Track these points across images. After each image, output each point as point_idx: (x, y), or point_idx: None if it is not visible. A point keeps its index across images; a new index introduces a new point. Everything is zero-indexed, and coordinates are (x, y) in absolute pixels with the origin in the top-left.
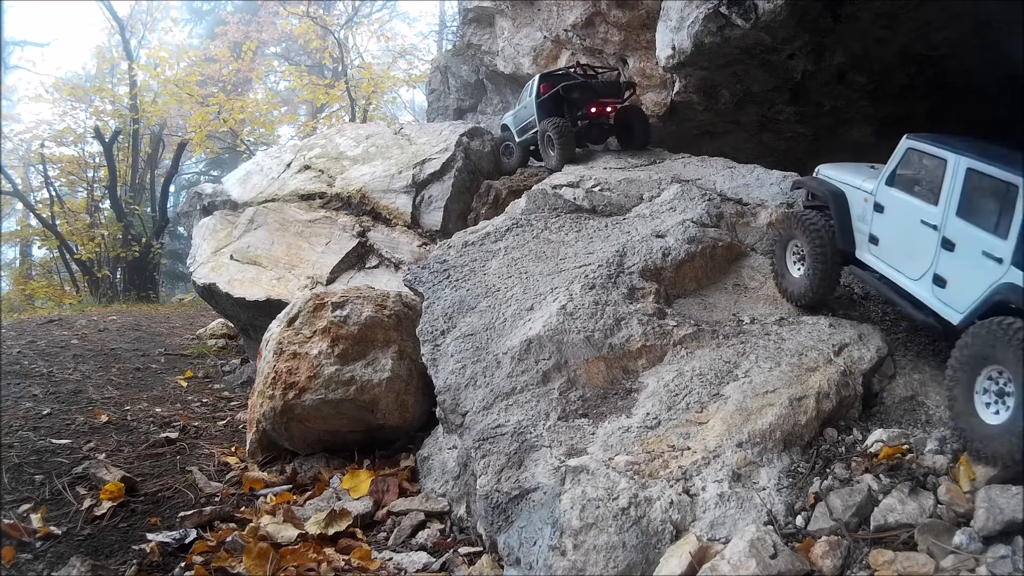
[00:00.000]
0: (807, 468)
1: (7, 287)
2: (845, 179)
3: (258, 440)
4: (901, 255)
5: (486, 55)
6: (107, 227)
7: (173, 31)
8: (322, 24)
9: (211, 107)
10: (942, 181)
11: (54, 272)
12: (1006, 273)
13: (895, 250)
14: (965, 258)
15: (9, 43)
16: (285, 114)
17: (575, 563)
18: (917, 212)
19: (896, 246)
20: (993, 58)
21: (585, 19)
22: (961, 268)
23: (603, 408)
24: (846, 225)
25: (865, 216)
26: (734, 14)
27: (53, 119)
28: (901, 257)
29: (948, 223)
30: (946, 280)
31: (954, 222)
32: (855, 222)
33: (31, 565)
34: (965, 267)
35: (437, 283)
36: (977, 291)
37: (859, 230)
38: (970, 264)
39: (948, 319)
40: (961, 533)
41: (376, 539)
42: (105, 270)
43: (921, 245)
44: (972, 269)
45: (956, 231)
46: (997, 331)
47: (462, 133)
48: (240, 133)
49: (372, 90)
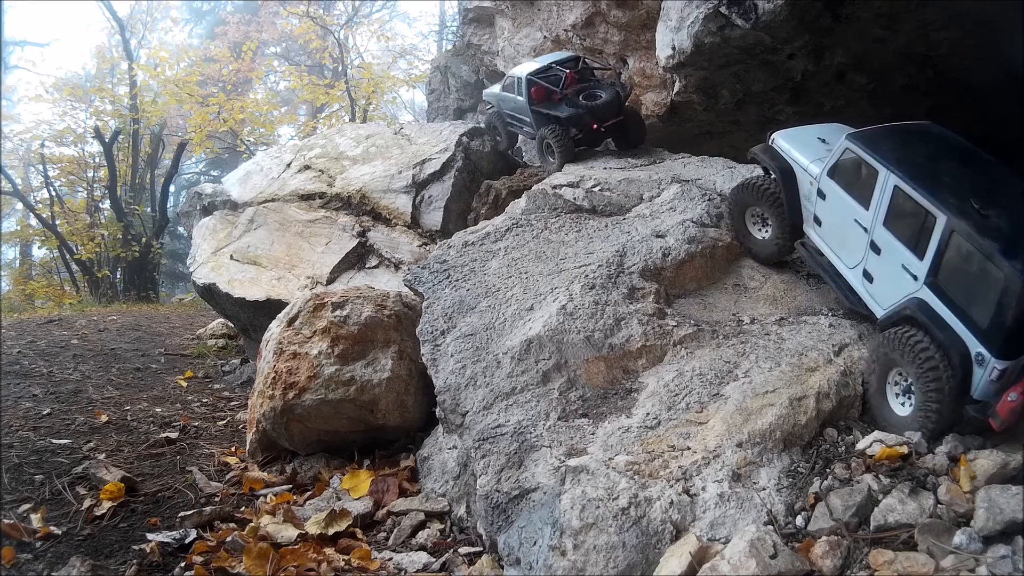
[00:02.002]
0: (807, 468)
1: (7, 287)
2: (795, 156)
3: (258, 440)
4: (839, 243)
5: (486, 55)
6: (107, 227)
7: (173, 31)
8: (322, 24)
9: (211, 107)
10: (873, 188)
11: (54, 272)
12: (919, 290)
13: (835, 236)
14: (888, 265)
15: (9, 43)
16: (285, 114)
17: (575, 563)
18: (852, 210)
19: (836, 233)
20: (993, 58)
21: (585, 19)
22: (885, 272)
23: (603, 408)
24: (794, 201)
25: (810, 197)
26: (734, 14)
27: (53, 119)
28: (839, 244)
29: (876, 230)
30: (874, 277)
31: (881, 230)
32: (803, 200)
33: (31, 565)
34: (888, 272)
35: (437, 283)
36: (895, 296)
37: (806, 208)
38: (892, 271)
39: (874, 312)
40: (961, 533)
41: (376, 539)
42: (105, 270)
43: (855, 240)
44: (893, 276)
45: (882, 239)
46: (898, 340)
47: (462, 133)
48: (240, 133)
49: (372, 90)
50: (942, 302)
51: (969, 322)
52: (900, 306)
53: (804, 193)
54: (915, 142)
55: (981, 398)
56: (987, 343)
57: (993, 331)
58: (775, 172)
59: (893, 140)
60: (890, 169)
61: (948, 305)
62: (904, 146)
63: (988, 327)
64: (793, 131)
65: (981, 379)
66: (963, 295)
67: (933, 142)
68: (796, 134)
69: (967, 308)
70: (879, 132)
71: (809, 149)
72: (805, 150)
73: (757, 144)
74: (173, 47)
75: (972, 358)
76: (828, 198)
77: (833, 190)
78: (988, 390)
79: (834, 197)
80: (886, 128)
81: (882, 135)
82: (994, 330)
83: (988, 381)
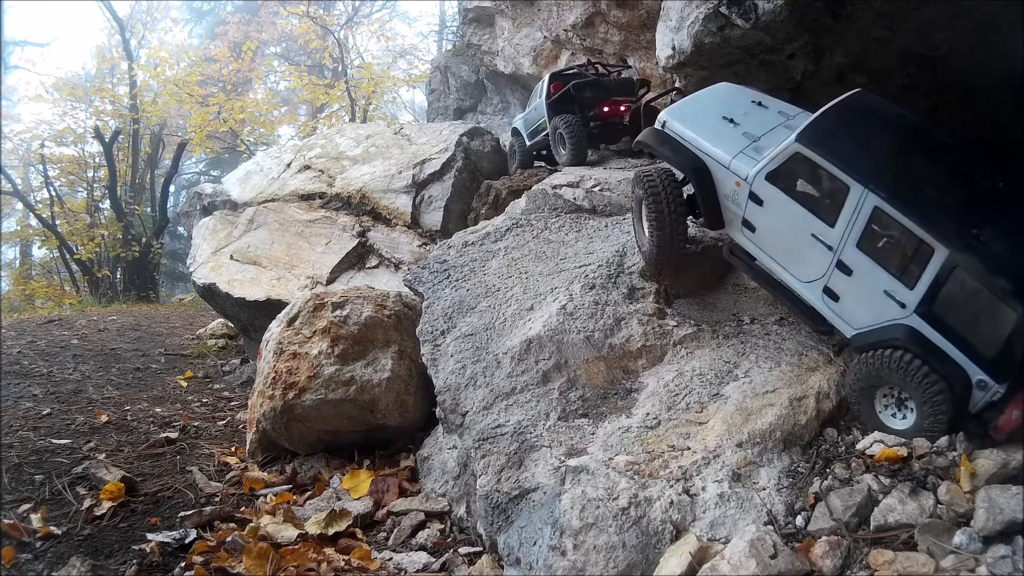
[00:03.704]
0: (807, 468)
1: (7, 287)
2: (706, 148)
3: (258, 440)
4: (786, 255)
5: (486, 55)
6: (107, 227)
7: (173, 31)
8: (322, 24)
9: (211, 107)
10: (842, 206)
11: (54, 272)
12: (907, 317)
13: (778, 247)
14: (863, 287)
15: (9, 43)
16: (285, 114)
17: (575, 563)
18: (807, 224)
19: (779, 244)
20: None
21: (585, 19)
22: (859, 293)
23: (603, 408)
24: (711, 201)
25: (737, 199)
26: (734, 14)
27: (53, 119)
28: (785, 256)
29: (846, 250)
30: (840, 296)
31: (853, 251)
32: (723, 200)
33: (31, 565)
34: (863, 295)
35: (437, 283)
36: (873, 319)
37: (729, 210)
38: (869, 294)
39: (840, 329)
40: (961, 533)
41: (376, 539)
42: (105, 270)
43: (811, 255)
44: (870, 299)
45: (855, 261)
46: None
47: (462, 133)
48: (240, 133)
49: (372, 90)
50: (937, 331)
51: (971, 352)
52: (882, 330)
53: (726, 194)
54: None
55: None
56: (992, 372)
57: (1002, 361)
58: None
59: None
60: (867, 187)
61: (945, 334)
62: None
63: (995, 358)
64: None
65: (981, 400)
66: (964, 326)
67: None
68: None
69: (969, 338)
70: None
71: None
72: (716, 139)
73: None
74: (173, 47)
75: (973, 384)
76: (768, 205)
77: (776, 197)
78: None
79: (777, 205)
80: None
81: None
82: (1003, 361)
83: (988, 402)
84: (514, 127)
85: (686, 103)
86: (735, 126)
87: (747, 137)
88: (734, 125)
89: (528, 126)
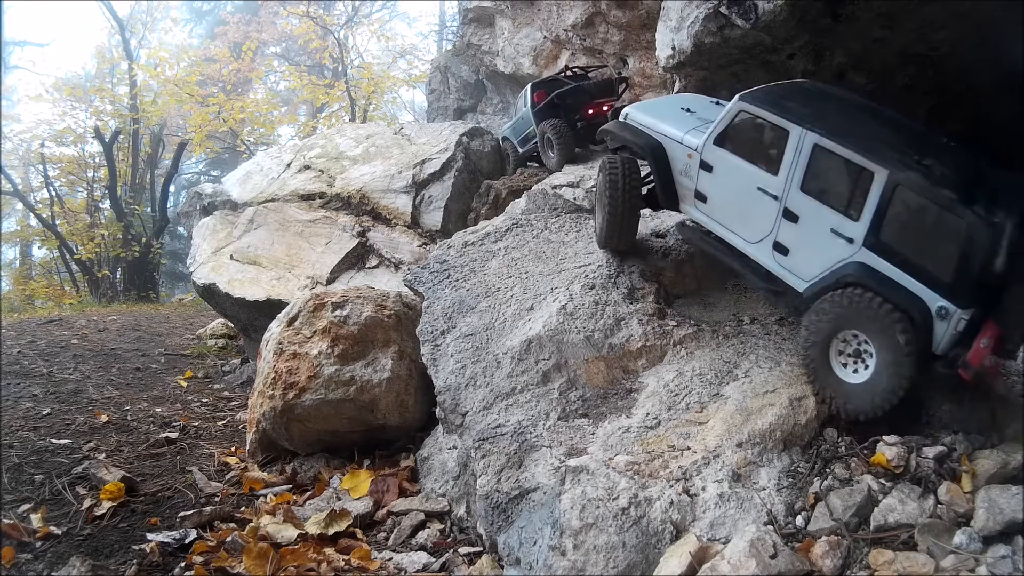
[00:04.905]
0: (807, 468)
1: (7, 287)
2: (663, 130)
3: (258, 440)
4: (735, 217)
5: (486, 55)
6: (107, 227)
7: (173, 31)
8: (322, 24)
9: (211, 107)
10: (783, 152)
11: (54, 272)
12: (857, 252)
13: (727, 211)
14: (810, 232)
15: (9, 43)
16: (285, 114)
17: (575, 563)
18: (753, 178)
19: (729, 207)
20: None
21: (585, 19)
22: (806, 240)
23: (603, 408)
24: (666, 180)
25: (689, 172)
26: (734, 14)
27: (53, 119)
28: (735, 219)
29: (791, 195)
30: (789, 249)
31: (797, 195)
32: (677, 176)
33: (31, 565)
34: (811, 240)
35: (437, 283)
36: (824, 264)
37: (682, 185)
38: (816, 238)
39: (792, 285)
40: (961, 533)
41: (376, 539)
42: (105, 270)
43: (759, 211)
44: (819, 243)
45: (799, 204)
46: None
47: (462, 133)
48: (240, 133)
49: (372, 90)
50: (889, 261)
51: (926, 277)
52: (833, 273)
53: (680, 169)
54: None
55: (944, 353)
56: (951, 296)
57: (958, 282)
58: (640, 149)
59: (793, 97)
60: (805, 127)
61: (897, 263)
62: (808, 103)
63: (952, 279)
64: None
65: (945, 333)
66: (915, 251)
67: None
68: (653, 107)
69: (922, 263)
70: (773, 90)
71: (677, 121)
72: (672, 122)
73: None
74: (173, 47)
75: (933, 314)
76: (717, 169)
77: (724, 159)
78: (951, 343)
79: (725, 167)
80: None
81: (778, 93)
82: (959, 281)
83: (953, 334)
84: (503, 135)
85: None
86: (692, 114)
87: (701, 120)
88: (691, 114)
89: (517, 134)
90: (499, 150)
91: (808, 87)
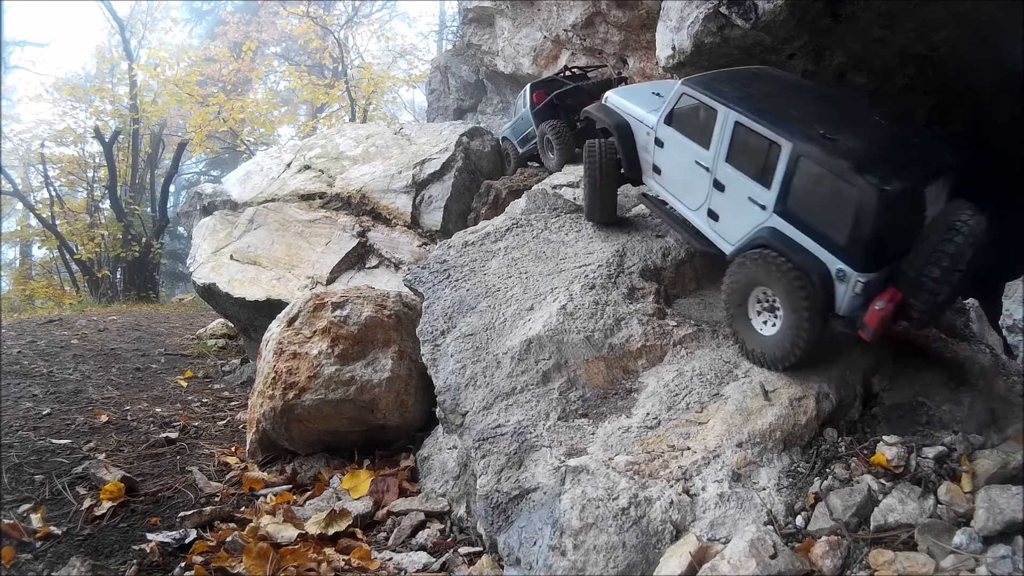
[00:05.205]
0: (807, 468)
1: (7, 287)
2: (630, 110)
3: (258, 440)
4: (681, 187)
5: (486, 55)
6: (107, 227)
7: (173, 31)
8: (322, 24)
9: (211, 107)
10: (713, 128)
11: (54, 272)
12: (769, 219)
13: (675, 182)
14: (734, 200)
15: (9, 43)
16: (285, 114)
17: (575, 563)
18: (692, 152)
19: (676, 179)
20: (993, 58)
21: (585, 19)
22: (731, 207)
23: (603, 408)
24: (631, 154)
25: (648, 148)
26: (734, 14)
27: (53, 119)
28: (681, 189)
29: (718, 167)
30: (719, 216)
31: (723, 167)
32: (640, 152)
33: (31, 565)
34: (734, 207)
35: (437, 283)
36: (744, 229)
37: (644, 159)
38: (738, 205)
39: (722, 249)
40: (961, 533)
41: (376, 539)
42: (105, 270)
43: (697, 182)
44: (740, 210)
45: (725, 175)
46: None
47: (462, 133)
48: (240, 133)
49: (372, 90)
50: (794, 227)
51: (826, 241)
52: (751, 237)
53: (641, 144)
54: (753, 82)
55: (847, 314)
56: (847, 259)
57: (852, 247)
58: (610, 127)
59: (730, 82)
60: (729, 106)
61: (801, 228)
62: (742, 86)
63: (847, 243)
64: (627, 89)
65: (845, 295)
66: (815, 216)
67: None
68: (630, 91)
69: (822, 229)
70: (714, 75)
71: (645, 103)
72: (641, 104)
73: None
74: (173, 47)
75: (833, 276)
76: (666, 145)
77: (671, 136)
78: (853, 305)
79: (673, 143)
80: (721, 72)
81: (717, 78)
82: (853, 246)
83: (852, 296)
84: (503, 135)
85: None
86: (660, 98)
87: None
88: (660, 98)
89: (517, 134)
90: (499, 150)
91: (757, 73)
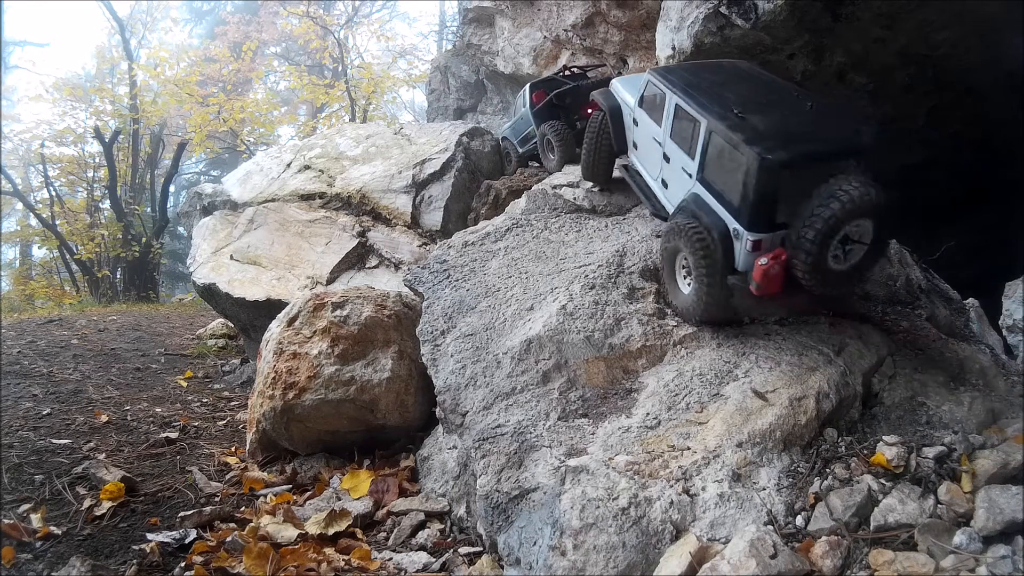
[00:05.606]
0: (807, 468)
1: (7, 287)
2: (622, 95)
3: (258, 440)
4: (647, 160)
5: (486, 55)
6: (107, 227)
7: (173, 31)
8: (322, 24)
9: (211, 107)
10: (664, 110)
11: (54, 272)
12: (693, 186)
13: (644, 156)
14: (675, 171)
15: (9, 43)
16: (285, 114)
17: (575, 563)
18: (652, 130)
19: (644, 153)
20: (993, 58)
21: (585, 19)
22: (674, 176)
23: (603, 408)
24: (620, 132)
25: (630, 127)
26: (734, 14)
27: (53, 119)
28: (647, 162)
29: (666, 142)
30: (668, 183)
31: (669, 142)
32: (627, 131)
33: (31, 565)
34: (676, 177)
35: (437, 283)
36: (680, 195)
37: (628, 138)
38: (678, 175)
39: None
40: (961, 533)
41: (376, 539)
42: (105, 270)
43: (654, 155)
44: (679, 179)
45: (670, 150)
46: (676, 229)
47: (462, 133)
48: (240, 133)
49: (372, 90)
50: (708, 192)
51: (725, 203)
52: (683, 202)
53: (628, 125)
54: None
55: (744, 270)
56: (739, 218)
57: (742, 207)
58: (605, 109)
59: (687, 72)
60: (673, 91)
61: (712, 194)
62: (695, 76)
63: (739, 205)
64: (627, 77)
65: (740, 252)
66: (721, 183)
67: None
68: (631, 79)
69: (724, 193)
70: (677, 67)
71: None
72: (632, 90)
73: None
74: (173, 47)
75: (731, 234)
76: (639, 124)
77: (642, 117)
78: (748, 262)
79: (643, 123)
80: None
81: (679, 69)
82: (742, 206)
83: (746, 253)
84: (503, 135)
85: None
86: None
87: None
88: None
89: (517, 134)
90: (499, 150)
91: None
